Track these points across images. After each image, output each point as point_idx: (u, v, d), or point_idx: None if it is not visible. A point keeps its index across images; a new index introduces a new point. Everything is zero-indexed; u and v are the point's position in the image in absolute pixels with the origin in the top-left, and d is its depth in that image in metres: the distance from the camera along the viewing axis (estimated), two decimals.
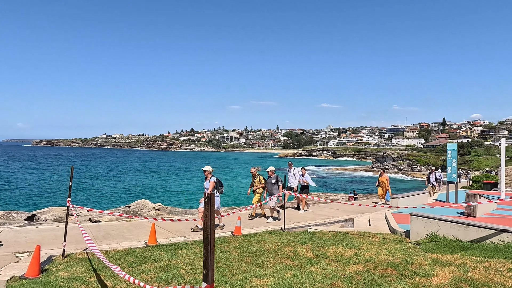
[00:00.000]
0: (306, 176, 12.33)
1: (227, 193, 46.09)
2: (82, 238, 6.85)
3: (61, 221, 13.94)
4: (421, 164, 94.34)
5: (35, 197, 39.63)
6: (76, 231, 7.67)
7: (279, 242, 6.94)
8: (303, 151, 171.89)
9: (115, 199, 39.00)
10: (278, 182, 10.05)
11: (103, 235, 7.63)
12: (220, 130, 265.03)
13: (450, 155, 11.37)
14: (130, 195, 43.09)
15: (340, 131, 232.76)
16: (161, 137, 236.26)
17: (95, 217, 11.87)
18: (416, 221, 6.94)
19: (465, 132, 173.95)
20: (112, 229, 8.21)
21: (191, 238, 7.62)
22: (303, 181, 12.22)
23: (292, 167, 12.52)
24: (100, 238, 7.35)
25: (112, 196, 41.70)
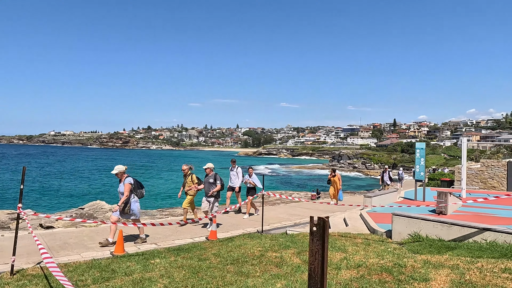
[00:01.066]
0: (253, 177, 11.09)
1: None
2: (34, 249, 5.91)
3: (4, 227, 12.39)
4: (374, 163, 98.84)
5: None
6: (26, 240, 6.67)
7: (260, 246, 6.49)
8: (263, 150, 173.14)
9: (66, 201, 36.23)
10: (217, 181, 8.81)
11: (59, 245, 6.69)
12: (179, 128, 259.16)
13: (419, 154, 11.67)
14: (83, 196, 40.33)
15: (299, 130, 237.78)
16: (115, 134, 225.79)
17: (47, 223, 10.63)
18: (398, 221, 6.84)
19: (413, 132, 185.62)
20: (70, 237, 7.25)
21: (163, 245, 6.93)
22: (249, 182, 11.02)
23: (236, 165, 11.58)
24: (57, 248, 6.41)
25: (62, 198, 38.77)
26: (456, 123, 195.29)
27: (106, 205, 20.99)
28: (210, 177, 8.90)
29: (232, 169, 11.56)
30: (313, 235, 1.51)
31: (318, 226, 1.47)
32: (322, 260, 1.39)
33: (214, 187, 8.73)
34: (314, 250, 1.50)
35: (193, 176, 9.37)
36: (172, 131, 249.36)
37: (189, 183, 9.29)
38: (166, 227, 8.56)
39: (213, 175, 8.93)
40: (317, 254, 1.49)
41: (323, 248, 1.41)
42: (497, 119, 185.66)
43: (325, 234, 1.44)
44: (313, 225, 1.46)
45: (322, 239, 1.43)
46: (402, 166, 54.64)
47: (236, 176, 11.40)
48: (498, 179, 16.61)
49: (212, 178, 8.89)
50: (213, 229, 7.46)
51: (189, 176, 9.41)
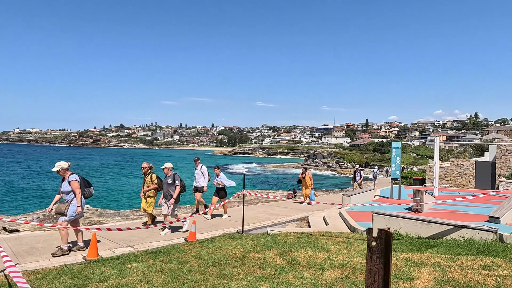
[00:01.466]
0: (221, 176, 10.39)
1: None
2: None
3: None
4: (347, 162, 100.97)
5: None
6: None
7: (241, 247, 6.33)
8: (238, 149, 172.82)
9: (32, 202, 34.46)
10: (176, 182, 8.01)
11: (26, 250, 6.23)
12: (153, 126, 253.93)
13: (394, 153, 11.91)
14: (50, 196, 38.56)
15: (274, 129, 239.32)
16: (86, 132, 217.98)
17: (11, 226, 9.96)
18: (379, 219, 6.89)
19: (384, 132, 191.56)
20: (37, 241, 6.79)
21: (139, 247, 6.62)
22: (218, 183, 10.32)
23: (200, 163, 10.72)
24: (23, 254, 5.96)
25: (28, 199, 36.86)
26: (424, 123, 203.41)
27: None
28: (169, 178, 8.14)
29: (196, 168, 10.72)
30: (372, 252, 1.23)
31: (379, 240, 1.18)
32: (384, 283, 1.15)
33: (173, 188, 8.01)
34: (374, 270, 1.20)
35: (153, 175, 8.64)
36: (146, 130, 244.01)
37: (148, 183, 8.60)
38: (143, 229, 8.21)
39: (172, 175, 8.15)
40: (377, 275, 1.17)
41: (385, 268, 1.15)
42: (462, 120, 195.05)
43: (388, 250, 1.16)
44: (372, 239, 1.24)
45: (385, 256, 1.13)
46: (375, 165, 56.03)
47: (201, 175, 10.52)
48: (467, 178, 17.32)
49: (171, 178, 8.12)
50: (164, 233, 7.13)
51: (149, 175, 8.69)
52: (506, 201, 8.22)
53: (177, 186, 7.94)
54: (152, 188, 8.52)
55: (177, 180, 8.03)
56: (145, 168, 8.78)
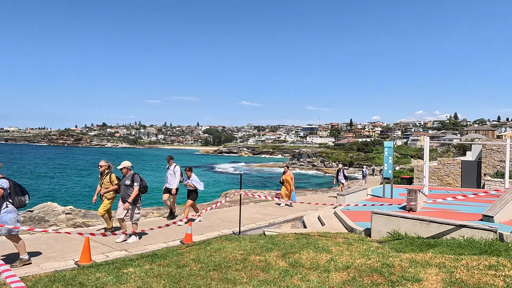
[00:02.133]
0: (193, 177, 9.46)
1: None
2: None
3: None
4: (332, 161, 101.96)
5: None
6: None
7: (241, 249, 6.16)
8: (223, 148, 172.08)
9: None
10: (134, 183, 7.09)
11: (13, 256, 5.87)
12: (137, 125, 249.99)
13: (387, 152, 11.96)
14: (31, 197, 37.28)
15: (259, 128, 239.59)
16: (66, 131, 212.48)
17: None
18: (378, 219, 6.84)
19: (368, 132, 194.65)
20: (48, 247, 6.41)
21: (134, 251, 6.35)
22: (189, 184, 9.42)
23: (173, 163, 9.85)
24: (10, 260, 5.60)
25: None
26: (406, 123, 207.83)
27: (59, 207, 19.46)
28: (127, 179, 7.24)
29: (169, 168, 9.79)
30: None
31: None
32: None
33: (131, 191, 7.13)
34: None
35: (112, 175, 7.77)
36: (129, 128, 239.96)
37: (107, 184, 7.73)
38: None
39: (131, 176, 7.25)
40: None
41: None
42: (442, 121, 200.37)
43: None
44: None
45: None
46: (364, 165, 56.78)
47: (173, 176, 9.60)
48: (454, 176, 17.66)
49: (129, 179, 7.20)
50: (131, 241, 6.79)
51: (107, 175, 7.80)
52: (498, 200, 8.34)
53: (134, 188, 7.09)
54: (111, 190, 7.65)
55: (136, 182, 7.15)
56: (102, 167, 7.87)
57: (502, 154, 16.78)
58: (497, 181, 15.80)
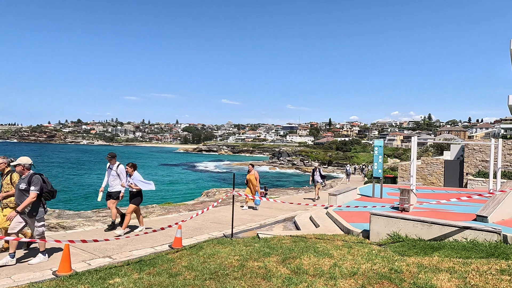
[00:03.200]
0: (136, 176, 7.60)
1: None
2: None
3: None
4: (312, 160, 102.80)
5: None
6: None
7: (236, 255, 5.74)
8: (203, 146, 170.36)
9: None
10: (32, 187, 5.48)
11: None
12: (114, 122, 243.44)
13: (377, 151, 11.85)
14: None
15: (239, 127, 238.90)
16: (39, 127, 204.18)
17: None
18: (377, 220, 6.59)
19: (346, 131, 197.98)
20: None
21: (119, 257, 5.80)
22: (129, 185, 7.60)
23: (116, 161, 8.00)
24: None
25: None
26: (383, 123, 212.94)
27: None
28: (22, 181, 5.55)
29: (111, 167, 7.90)
30: None
31: None
32: None
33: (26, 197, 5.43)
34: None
35: (13, 175, 6.15)
36: (105, 126, 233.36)
37: (7, 186, 6.11)
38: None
39: (28, 177, 5.56)
40: None
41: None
42: (417, 121, 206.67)
43: None
44: None
45: None
46: (345, 163, 57.41)
47: (117, 177, 7.84)
48: (437, 176, 17.89)
49: (25, 182, 5.52)
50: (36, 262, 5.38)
51: (8, 175, 6.19)
52: (491, 200, 8.31)
53: (31, 193, 5.41)
54: (12, 194, 5.99)
55: (35, 185, 5.46)
56: (0, 166, 6.24)
57: (484, 154, 17.19)
58: (479, 180, 16.13)
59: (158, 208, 16.77)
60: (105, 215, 17.19)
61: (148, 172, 66.96)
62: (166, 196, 42.16)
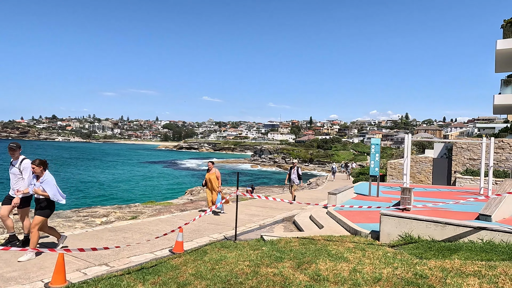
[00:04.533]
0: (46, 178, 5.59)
1: None
2: None
3: None
4: (293, 157, 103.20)
5: None
6: None
7: (246, 260, 5.34)
8: (184, 144, 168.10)
9: None
10: None
11: None
12: (91, 118, 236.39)
13: (374, 149, 11.68)
14: None
15: (221, 124, 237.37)
16: (11, 123, 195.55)
17: None
18: (388, 221, 6.35)
19: (327, 130, 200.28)
20: None
21: (116, 264, 5.27)
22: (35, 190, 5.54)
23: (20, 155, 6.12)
24: None
25: None
26: (362, 122, 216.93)
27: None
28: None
29: (14, 163, 6.07)
30: None
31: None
32: None
33: None
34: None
35: None
36: (82, 122, 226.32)
37: None
38: (112, 238, 6.78)
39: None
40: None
41: None
42: (395, 120, 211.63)
43: None
44: None
45: None
46: (326, 161, 57.84)
47: (19, 176, 6.00)
48: (425, 174, 18.06)
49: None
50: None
51: None
52: (492, 198, 8.25)
53: None
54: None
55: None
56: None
57: (472, 153, 17.49)
58: (468, 178, 16.39)
59: (142, 207, 16.08)
60: (86, 214, 16.33)
61: (128, 169, 65.24)
62: (147, 194, 41.11)
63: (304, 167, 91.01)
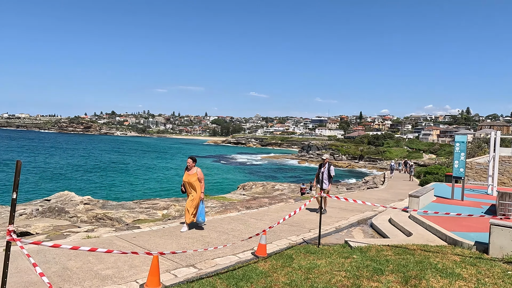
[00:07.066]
0: None
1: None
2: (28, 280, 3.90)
3: None
4: (342, 154, 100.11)
5: None
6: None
7: (341, 270, 4.85)
8: (231, 139, 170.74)
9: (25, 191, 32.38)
10: None
11: (57, 272, 4.61)
12: (145, 114, 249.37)
13: (458, 148, 10.49)
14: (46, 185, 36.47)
15: (267, 120, 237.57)
16: (76, 119, 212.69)
17: (20, 227, 8.28)
18: (501, 232, 5.48)
19: (378, 125, 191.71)
20: (69, 258, 5.15)
21: (204, 267, 5.05)
22: None
23: None
24: (56, 279, 4.34)
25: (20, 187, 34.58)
26: (417, 117, 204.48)
27: (77, 197, 18.33)
28: None
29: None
30: None
31: None
32: None
33: None
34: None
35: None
36: (138, 117, 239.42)
37: None
38: (190, 236, 6.64)
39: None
40: None
41: None
42: (454, 115, 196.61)
43: None
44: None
45: None
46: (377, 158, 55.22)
47: None
48: (509, 175, 16.16)
49: None
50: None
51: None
52: None
53: None
54: None
55: None
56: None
57: None
58: None
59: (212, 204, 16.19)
60: (147, 206, 16.87)
61: (180, 163, 67.54)
62: None
63: (353, 164, 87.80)
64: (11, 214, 3.13)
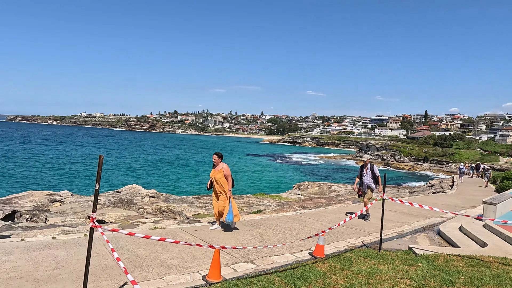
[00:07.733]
0: None
1: None
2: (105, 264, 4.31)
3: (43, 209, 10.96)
4: (404, 155, 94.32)
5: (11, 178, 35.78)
6: (76, 248, 5.07)
7: (405, 278, 4.60)
8: (287, 138, 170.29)
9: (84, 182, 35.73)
10: None
11: (129, 258, 5.04)
12: (204, 113, 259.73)
13: None
14: (114, 178, 39.89)
15: (324, 119, 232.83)
16: (143, 118, 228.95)
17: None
18: None
19: (446, 125, 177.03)
20: (138, 246, 5.61)
21: (262, 263, 5.14)
22: None
23: None
24: (128, 265, 4.76)
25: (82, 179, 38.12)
26: (493, 116, 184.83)
27: (143, 190, 19.72)
28: None
29: None
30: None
31: None
32: None
33: None
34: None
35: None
36: (197, 116, 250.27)
37: None
38: (248, 233, 6.80)
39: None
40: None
41: None
42: None
43: None
44: None
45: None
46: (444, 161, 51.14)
47: None
48: None
49: None
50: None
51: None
52: None
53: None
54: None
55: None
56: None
57: None
58: None
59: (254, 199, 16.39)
60: (206, 202, 17.53)
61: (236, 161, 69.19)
62: (257, 185, 42.73)
63: (417, 166, 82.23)
64: (94, 203, 3.49)
